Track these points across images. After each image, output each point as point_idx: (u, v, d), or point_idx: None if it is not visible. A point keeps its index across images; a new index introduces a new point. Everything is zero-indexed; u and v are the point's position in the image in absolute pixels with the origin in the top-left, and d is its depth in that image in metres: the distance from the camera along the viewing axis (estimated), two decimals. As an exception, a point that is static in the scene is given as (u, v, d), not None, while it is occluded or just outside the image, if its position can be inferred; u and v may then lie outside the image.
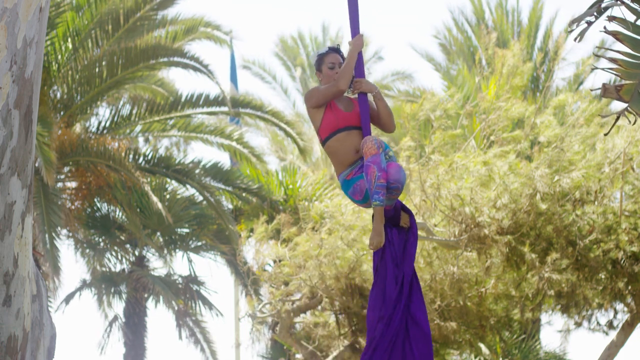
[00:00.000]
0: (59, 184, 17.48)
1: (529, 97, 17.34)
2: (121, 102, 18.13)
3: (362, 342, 13.52)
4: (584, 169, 11.83)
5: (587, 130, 12.29)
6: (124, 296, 18.93)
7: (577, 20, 4.56)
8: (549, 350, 14.91)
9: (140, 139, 18.97)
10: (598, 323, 14.35)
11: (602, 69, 4.38)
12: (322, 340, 14.10)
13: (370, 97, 5.65)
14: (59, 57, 16.71)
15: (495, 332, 14.02)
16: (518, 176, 11.86)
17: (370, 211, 12.38)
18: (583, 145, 12.23)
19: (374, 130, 5.82)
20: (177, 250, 18.99)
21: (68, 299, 18.72)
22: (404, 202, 5.88)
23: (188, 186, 18.13)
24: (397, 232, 5.58)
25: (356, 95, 5.66)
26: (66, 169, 17.61)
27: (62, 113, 17.00)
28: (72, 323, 32.38)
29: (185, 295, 18.76)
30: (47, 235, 15.48)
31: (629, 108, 4.26)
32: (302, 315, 14.52)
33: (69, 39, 16.74)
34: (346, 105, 5.65)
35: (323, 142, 5.60)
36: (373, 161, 5.35)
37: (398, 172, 5.40)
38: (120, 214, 18.40)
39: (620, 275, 12.44)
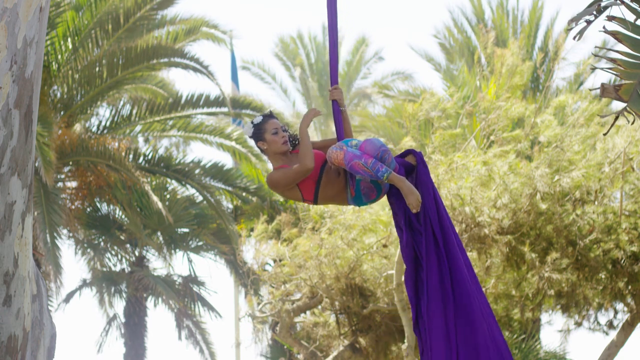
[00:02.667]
0: (59, 184, 17.49)
1: (529, 96, 17.33)
2: (121, 102, 18.14)
3: (362, 341, 13.53)
4: (584, 168, 11.83)
5: (587, 130, 12.29)
6: (124, 296, 18.96)
7: (576, 19, 4.57)
8: (549, 350, 14.91)
9: (140, 139, 18.99)
10: (598, 323, 14.35)
11: (602, 69, 4.38)
12: (322, 340, 14.10)
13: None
14: (59, 57, 16.71)
15: (495, 331, 13.98)
16: (518, 176, 11.86)
17: (371, 210, 12.36)
18: (583, 145, 12.24)
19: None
20: (177, 250, 19.01)
21: (68, 298, 18.74)
22: None
23: (188, 186, 18.14)
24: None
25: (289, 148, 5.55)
26: (66, 168, 17.62)
27: (62, 113, 17.00)
28: (72, 323, 32.42)
29: (185, 296, 18.77)
30: (47, 235, 15.49)
31: (628, 108, 4.26)
32: (302, 315, 14.53)
33: (69, 39, 16.75)
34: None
35: (314, 202, 5.51)
36: (349, 159, 5.26)
37: (372, 143, 5.32)
38: (121, 213, 18.41)
39: (620, 275, 12.44)
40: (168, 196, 18.39)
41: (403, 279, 5.91)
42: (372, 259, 12.75)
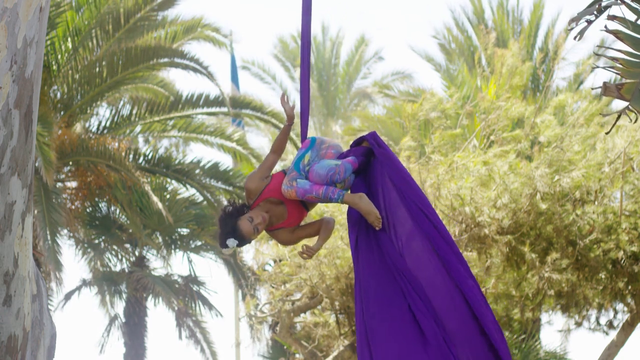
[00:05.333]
0: (59, 184, 17.48)
1: (529, 97, 17.34)
2: (121, 102, 18.13)
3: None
4: (584, 168, 11.82)
5: (587, 130, 12.29)
6: (124, 296, 18.96)
7: (576, 19, 4.57)
8: (549, 350, 14.91)
9: (140, 139, 18.99)
10: (598, 323, 14.35)
11: (603, 67, 4.39)
12: (322, 340, 14.10)
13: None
14: (59, 57, 16.71)
15: (495, 331, 13.98)
16: (518, 176, 11.86)
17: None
18: (583, 145, 12.24)
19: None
20: (177, 250, 19.01)
21: (68, 296, 18.74)
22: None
23: (188, 186, 18.14)
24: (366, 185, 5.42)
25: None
26: (66, 168, 17.62)
27: (62, 113, 17.00)
28: (72, 323, 32.45)
29: (185, 296, 18.79)
30: (48, 232, 15.49)
31: (629, 106, 4.26)
32: (302, 315, 14.52)
33: (69, 39, 16.75)
34: (281, 212, 5.48)
35: (307, 211, 5.58)
36: (302, 194, 5.28)
37: (317, 174, 5.31)
38: (121, 213, 18.41)
39: (620, 275, 12.44)
40: (168, 196, 18.39)
41: None
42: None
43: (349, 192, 5.43)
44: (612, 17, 4.42)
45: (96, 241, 18.62)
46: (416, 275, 5.15)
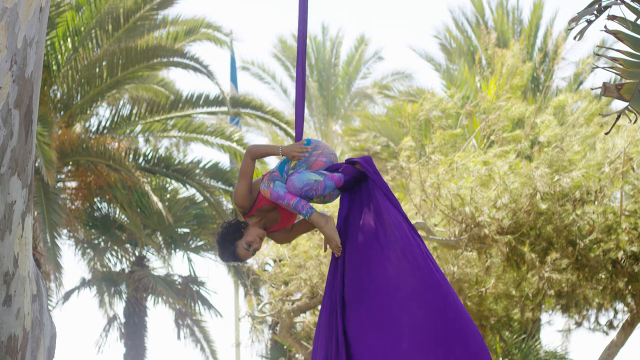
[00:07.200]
0: (59, 184, 17.48)
1: (529, 97, 17.34)
2: (121, 102, 18.13)
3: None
4: (584, 168, 11.82)
5: (587, 130, 12.29)
6: (124, 296, 18.96)
7: (576, 19, 4.57)
8: (549, 350, 14.91)
9: (141, 139, 18.99)
10: (598, 323, 14.36)
11: (603, 67, 4.38)
12: (322, 340, 14.07)
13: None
14: (59, 57, 16.71)
15: (495, 331, 14.02)
16: (518, 176, 11.85)
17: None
18: (583, 145, 12.23)
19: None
20: (177, 250, 19.00)
21: (68, 296, 18.73)
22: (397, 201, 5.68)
23: (188, 186, 18.14)
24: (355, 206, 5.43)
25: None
26: (66, 168, 17.62)
27: (62, 113, 17.01)
28: (71, 322, 32.51)
29: (185, 296, 18.79)
30: (47, 235, 15.49)
31: (629, 107, 4.26)
32: (302, 315, 14.52)
33: (69, 39, 16.75)
34: (275, 217, 5.51)
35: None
36: (275, 198, 5.29)
37: (292, 185, 5.29)
38: (121, 213, 18.41)
39: (621, 275, 12.44)
40: (168, 196, 18.39)
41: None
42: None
43: (336, 205, 5.47)
44: (612, 17, 4.42)
45: (96, 241, 18.62)
46: (398, 287, 5.19)
